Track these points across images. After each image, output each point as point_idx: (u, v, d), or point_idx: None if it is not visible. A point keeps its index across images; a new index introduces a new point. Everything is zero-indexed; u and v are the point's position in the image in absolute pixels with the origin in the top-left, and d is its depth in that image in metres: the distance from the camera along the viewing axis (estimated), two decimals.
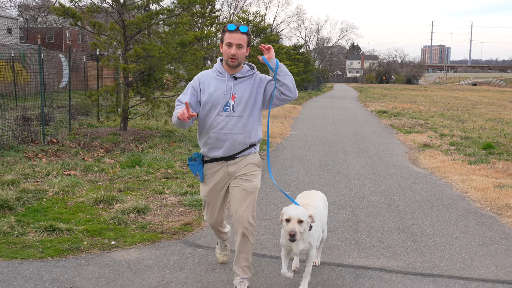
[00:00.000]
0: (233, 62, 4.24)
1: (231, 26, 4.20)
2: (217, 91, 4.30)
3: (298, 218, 4.10)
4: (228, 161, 4.38)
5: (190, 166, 4.49)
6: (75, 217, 6.36)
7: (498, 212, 7.25)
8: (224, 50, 4.24)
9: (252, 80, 4.39)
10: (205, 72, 4.49)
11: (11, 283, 4.46)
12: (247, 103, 4.33)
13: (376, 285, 4.65)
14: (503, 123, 21.23)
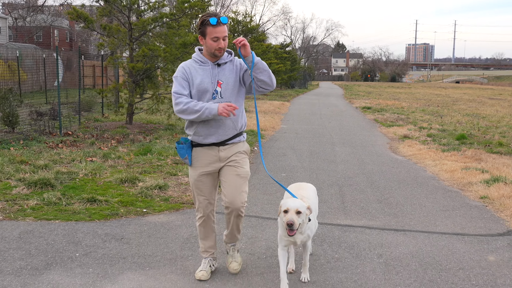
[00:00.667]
0: (220, 53, 4.37)
1: (213, 20, 4.22)
2: (204, 79, 4.39)
3: (296, 209, 4.14)
4: (219, 146, 4.50)
5: (178, 149, 4.54)
6: (107, 192, 7.59)
7: (462, 188, 8.59)
8: (210, 43, 4.31)
9: (233, 65, 4.51)
10: (187, 62, 4.52)
11: (74, 236, 5.69)
12: (233, 88, 4.46)
13: (359, 236, 5.93)
14: (479, 118, 22.69)
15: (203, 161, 4.50)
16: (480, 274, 4.86)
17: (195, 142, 4.52)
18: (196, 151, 4.52)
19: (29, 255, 5.08)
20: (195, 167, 4.52)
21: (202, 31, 4.32)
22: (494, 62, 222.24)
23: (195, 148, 4.53)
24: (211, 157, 4.49)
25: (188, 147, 4.51)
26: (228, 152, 4.51)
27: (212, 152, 4.49)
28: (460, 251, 5.49)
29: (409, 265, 5.05)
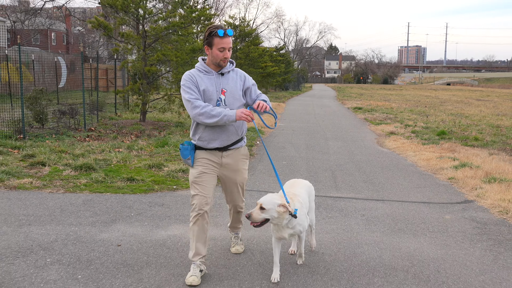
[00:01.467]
0: (224, 63, 4.59)
1: (220, 32, 4.42)
2: (209, 88, 4.58)
3: (260, 204, 4.45)
4: (222, 152, 4.73)
5: (182, 150, 4.72)
6: (141, 174, 9.18)
7: (435, 172, 10.24)
8: (216, 54, 4.50)
9: (236, 75, 4.76)
10: (192, 71, 4.70)
11: (125, 203, 7.28)
12: (236, 96, 4.68)
13: (347, 204, 7.56)
14: (462, 117, 24.40)
15: (206, 164, 4.69)
16: (436, 225, 6.49)
17: (198, 146, 4.73)
18: (199, 153, 4.72)
19: (96, 214, 6.67)
20: (197, 168, 4.68)
21: (209, 42, 4.52)
22: (485, 65, 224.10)
23: (198, 151, 4.73)
24: (213, 161, 4.73)
25: (191, 148, 4.69)
26: (230, 158, 4.78)
27: (215, 157, 4.72)
28: (425, 212, 7.13)
29: (384, 220, 6.68)
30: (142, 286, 4.46)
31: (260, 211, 4.42)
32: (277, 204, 4.44)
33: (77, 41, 77.59)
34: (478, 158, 11.54)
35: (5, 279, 4.55)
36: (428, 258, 5.32)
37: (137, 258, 5.12)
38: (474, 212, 7.19)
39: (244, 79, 4.77)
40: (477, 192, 8.25)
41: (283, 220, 4.49)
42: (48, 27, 69.84)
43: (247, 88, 4.76)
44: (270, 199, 4.48)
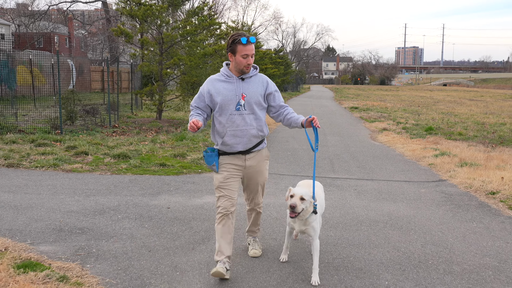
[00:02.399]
0: (248, 69, 4.71)
1: (243, 39, 4.56)
2: (228, 93, 4.70)
3: (301, 195, 4.59)
4: (245, 155, 4.85)
5: (206, 157, 4.84)
6: (169, 161, 10.89)
7: (418, 160, 11.97)
8: (240, 60, 4.62)
9: (257, 79, 4.86)
10: (213, 77, 4.86)
11: (163, 181, 9.00)
12: (256, 101, 4.77)
13: (342, 182, 9.28)
14: (451, 115, 26.15)
15: (229, 169, 4.82)
16: (412, 196, 8.23)
17: (222, 151, 4.85)
18: (223, 158, 4.84)
19: (142, 189, 8.39)
20: (222, 173, 4.81)
21: (233, 49, 4.63)
22: (482, 65, 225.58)
23: (222, 156, 4.84)
24: (238, 166, 4.85)
25: (215, 155, 4.81)
26: (253, 160, 4.90)
27: (239, 160, 4.84)
28: (404, 187, 8.88)
29: (371, 193, 8.42)
30: (193, 231, 6.19)
31: (300, 202, 4.60)
32: (310, 195, 4.68)
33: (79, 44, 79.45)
34: (457, 148, 13.27)
35: (94, 226, 6.26)
36: (403, 215, 7.06)
37: (184, 215, 6.85)
38: (445, 187, 8.95)
39: (267, 85, 4.89)
40: (450, 174, 10.00)
41: (308, 214, 4.70)
42: (52, 30, 71.49)
43: (269, 94, 4.89)
44: (307, 191, 4.68)
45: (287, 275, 4.92)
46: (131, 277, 4.78)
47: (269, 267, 5.11)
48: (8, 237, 5.72)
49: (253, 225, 5.42)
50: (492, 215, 7.13)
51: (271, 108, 4.96)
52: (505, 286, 4.73)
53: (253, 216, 5.33)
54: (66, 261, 5.08)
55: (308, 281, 4.75)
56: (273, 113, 4.99)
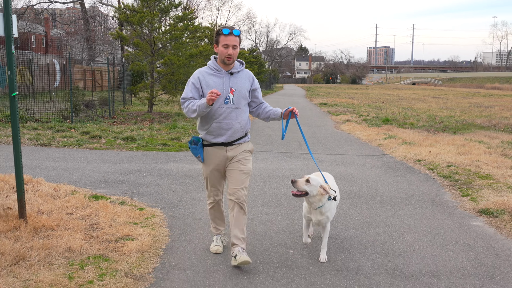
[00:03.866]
0: (229, 60, 4.78)
1: (225, 30, 4.70)
2: (217, 86, 4.82)
3: (308, 177, 4.86)
4: (227, 146, 4.97)
5: (191, 149, 5.07)
6: (168, 142, 13.38)
7: (370, 142, 14.70)
8: (221, 50, 4.75)
9: (244, 74, 5.01)
10: (202, 69, 4.95)
11: (168, 156, 11.51)
12: (244, 96, 4.94)
13: (307, 156, 11.90)
14: (410, 110, 29.06)
15: (214, 160, 5.04)
16: (360, 163, 10.92)
17: (206, 142, 5.02)
18: (207, 150, 5.04)
19: (154, 160, 10.88)
20: (207, 164, 5.09)
21: (216, 40, 4.80)
22: (451, 65, 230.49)
23: (206, 148, 5.04)
24: (220, 157, 5.01)
25: (200, 147, 5.03)
26: (235, 151, 5.02)
27: (221, 151, 4.99)
28: (355, 158, 11.58)
29: (329, 161, 11.08)
30: (200, 182, 8.72)
31: (305, 183, 4.82)
32: (320, 184, 4.87)
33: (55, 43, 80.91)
34: (404, 134, 16.05)
35: (128, 179, 8.78)
36: (350, 173, 9.74)
37: (191, 174, 9.41)
38: (385, 158, 11.68)
39: (253, 81, 5.08)
40: (392, 150, 12.75)
41: (319, 202, 4.92)
42: (29, 30, 72.88)
43: (254, 89, 5.10)
44: (316, 177, 4.94)
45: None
46: (165, 203, 7.33)
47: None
48: (72, 185, 8.20)
49: (237, 226, 4.96)
50: (413, 173, 9.87)
51: (252, 103, 5.16)
52: (407, 206, 7.40)
53: (235, 212, 4.97)
54: (119, 196, 7.60)
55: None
56: (253, 108, 5.19)
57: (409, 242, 5.81)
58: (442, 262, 5.22)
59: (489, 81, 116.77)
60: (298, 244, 5.69)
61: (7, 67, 5.54)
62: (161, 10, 19.42)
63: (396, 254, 5.43)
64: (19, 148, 5.79)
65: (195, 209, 7.05)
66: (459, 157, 11.28)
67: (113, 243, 5.45)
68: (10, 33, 5.50)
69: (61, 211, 6.42)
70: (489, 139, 14.79)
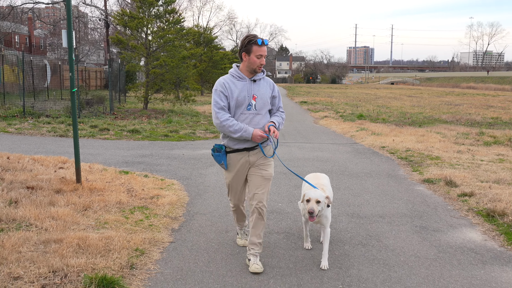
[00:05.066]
0: (260, 70, 4.97)
1: (259, 41, 4.84)
2: (241, 93, 4.93)
3: (316, 199, 4.94)
4: (249, 151, 5.05)
5: (215, 156, 5.14)
6: (169, 134, 15.32)
7: (344, 134, 16.80)
8: (254, 60, 4.87)
9: (265, 82, 5.12)
10: (226, 77, 5.07)
11: (171, 144, 13.47)
12: (265, 102, 5.04)
13: (290, 144, 13.94)
14: (384, 107, 31.28)
15: (237, 166, 5.11)
16: (334, 150, 13.00)
17: (229, 148, 5.08)
18: (230, 157, 5.10)
19: (160, 147, 12.84)
20: (230, 171, 5.16)
21: (248, 49, 4.86)
22: (429, 65, 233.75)
23: (229, 155, 5.10)
24: (243, 162, 5.08)
25: (223, 154, 5.08)
26: (257, 156, 5.07)
27: (244, 157, 5.06)
28: (329, 146, 13.66)
29: (308, 148, 13.14)
30: (203, 162, 10.70)
31: (317, 205, 4.93)
32: (324, 196, 5.01)
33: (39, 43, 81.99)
34: (374, 127, 18.18)
35: (144, 161, 10.74)
36: (324, 156, 11.80)
37: (195, 156, 11.39)
38: (356, 146, 13.79)
39: (273, 88, 5.16)
40: (362, 139, 14.87)
41: (324, 210, 5.06)
42: (14, 30, 73.86)
43: (274, 97, 5.14)
44: (320, 193, 5.02)
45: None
46: (179, 176, 9.31)
47: None
48: (101, 164, 10.13)
49: (254, 233, 5.09)
50: (377, 156, 11.99)
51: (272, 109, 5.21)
52: (368, 178, 9.47)
53: (254, 218, 5.08)
54: (141, 172, 9.56)
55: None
56: None
57: (366, 199, 7.89)
58: (388, 209, 7.29)
59: (465, 80, 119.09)
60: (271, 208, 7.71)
61: (69, 69, 7.48)
62: (156, 15, 21.35)
63: (355, 205, 7.50)
64: (77, 133, 7.76)
65: (203, 180, 9.06)
66: (417, 144, 13.42)
67: (149, 199, 7.43)
68: (72, 44, 7.45)
69: (102, 180, 8.37)
70: (448, 131, 17.00)
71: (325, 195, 5.02)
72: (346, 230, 6.32)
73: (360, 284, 4.70)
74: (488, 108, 31.66)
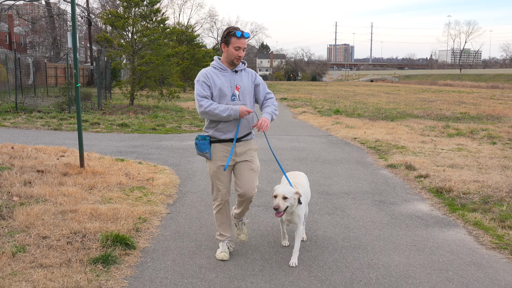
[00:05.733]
0: (238, 61, 4.99)
1: (238, 33, 4.87)
2: (224, 84, 4.96)
3: (283, 195, 4.87)
4: (235, 142, 5.07)
5: (199, 145, 5.07)
6: (156, 127, 16.33)
7: (321, 127, 17.96)
8: (232, 52, 4.91)
9: (248, 73, 5.16)
10: (208, 69, 5.07)
11: (160, 137, 14.51)
12: (249, 92, 5.10)
13: (270, 136, 15.04)
14: (361, 104, 32.54)
15: (221, 155, 5.07)
16: (310, 141, 14.13)
17: (213, 138, 5.09)
18: (215, 146, 5.09)
19: (149, 139, 13.86)
20: (214, 160, 5.09)
21: (227, 40, 4.93)
22: (408, 62, 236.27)
23: (213, 144, 5.09)
24: (228, 152, 5.07)
25: (208, 143, 5.06)
26: (243, 148, 5.13)
27: (229, 147, 5.07)
28: (306, 137, 14.79)
29: (286, 139, 14.26)
30: (190, 152, 11.75)
31: (283, 201, 4.86)
32: (294, 192, 4.94)
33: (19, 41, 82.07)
34: (349, 121, 19.36)
35: (136, 151, 11.76)
36: (301, 146, 12.93)
37: (182, 147, 12.43)
38: (330, 137, 14.94)
39: (255, 77, 5.18)
40: (336, 132, 16.05)
41: (293, 207, 5.00)
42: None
43: (257, 85, 5.17)
44: (288, 189, 4.93)
45: None
46: (169, 163, 10.35)
47: None
48: (98, 153, 11.12)
49: (242, 212, 5.41)
50: (348, 146, 13.16)
51: (259, 98, 5.25)
52: (339, 164, 10.61)
53: (244, 205, 5.30)
54: (134, 159, 10.58)
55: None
56: (260, 105, 5.31)
57: (335, 180, 9.03)
58: (353, 188, 8.44)
59: (443, 78, 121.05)
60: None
61: (74, 67, 8.49)
62: (142, 16, 22.31)
63: (326, 185, 8.63)
64: (80, 123, 8.81)
65: (192, 166, 10.14)
66: (386, 136, 14.62)
67: (145, 181, 8.48)
68: (76, 44, 8.46)
69: (101, 166, 9.39)
70: (416, 124, 18.25)
71: (294, 191, 4.96)
72: (316, 203, 7.44)
73: (324, 241, 5.81)
74: (460, 104, 33.06)
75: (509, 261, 5.26)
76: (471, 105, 32.21)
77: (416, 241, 5.84)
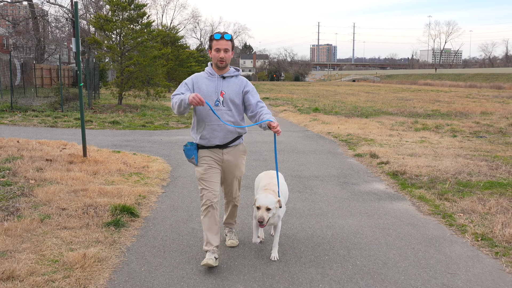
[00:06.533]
0: (221, 63, 4.93)
1: (217, 35, 4.89)
2: (208, 89, 4.96)
3: (266, 206, 4.86)
4: (223, 149, 5.10)
5: (186, 150, 5.08)
6: (146, 124, 17.51)
7: (299, 123, 19.26)
8: (214, 55, 4.92)
9: (238, 80, 5.10)
10: (198, 74, 5.12)
11: (150, 133, 15.69)
12: (234, 98, 5.01)
13: (251, 132, 16.31)
14: (340, 102, 33.93)
15: (208, 161, 5.08)
16: (288, 135, 15.42)
17: (200, 145, 5.10)
18: (202, 152, 5.11)
19: (141, 134, 15.04)
20: (201, 166, 5.08)
21: (210, 45, 4.98)
22: (390, 62, 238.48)
23: (200, 150, 5.11)
24: (215, 158, 5.10)
25: (194, 148, 5.09)
26: (230, 155, 5.16)
27: (217, 154, 5.10)
28: (285, 132, 16.09)
29: (266, 134, 15.51)
30: (179, 145, 12.95)
31: (267, 212, 4.89)
32: (275, 201, 4.96)
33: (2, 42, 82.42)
34: (326, 118, 20.68)
35: (130, 145, 12.96)
36: (280, 140, 14.21)
37: (171, 141, 13.65)
38: (307, 132, 16.25)
39: (245, 84, 5.13)
40: (313, 127, 17.35)
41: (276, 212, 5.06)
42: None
43: (247, 92, 5.09)
44: (271, 199, 4.94)
45: None
46: (161, 154, 11.57)
47: None
48: (95, 146, 12.29)
49: (230, 217, 5.65)
50: (322, 139, 14.48)
51: (248, 107, 5.11)
52: (312, 154, 11.91)
53: (230, 209, 5.56)
54: (129, 151, 11.77)
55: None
56: (250, 113, 5.12)
57: (307, 166, 10.33)
58: (322, 173, 9.75)
59: (423, 77, 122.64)
60: None
61: (77, 67, 9.69)
62: (129, 19, 23.48)
63: (299, 171, 9.92)
64: (83, 117, 9.99)
65: (181, 156, 11.37)
66: (357, 130, 15.96)
67: (141, 168, 9.70)
68: (79, 48, 9.67)
69: (101, 156, 10.59)
70: (388, 120, 19.64)
71: (276, 200, 4.95)
72: (289, 184, 8.70)
73: (293, 211, 7.08)
74: (434, 102, 34.59)
75: (440, 222, 6.59)
76: (445, 103, 33.72)
77: (368, 210, 7.15)
